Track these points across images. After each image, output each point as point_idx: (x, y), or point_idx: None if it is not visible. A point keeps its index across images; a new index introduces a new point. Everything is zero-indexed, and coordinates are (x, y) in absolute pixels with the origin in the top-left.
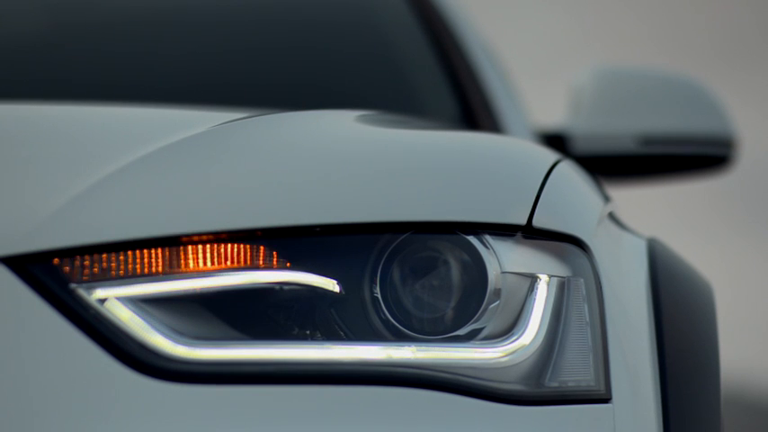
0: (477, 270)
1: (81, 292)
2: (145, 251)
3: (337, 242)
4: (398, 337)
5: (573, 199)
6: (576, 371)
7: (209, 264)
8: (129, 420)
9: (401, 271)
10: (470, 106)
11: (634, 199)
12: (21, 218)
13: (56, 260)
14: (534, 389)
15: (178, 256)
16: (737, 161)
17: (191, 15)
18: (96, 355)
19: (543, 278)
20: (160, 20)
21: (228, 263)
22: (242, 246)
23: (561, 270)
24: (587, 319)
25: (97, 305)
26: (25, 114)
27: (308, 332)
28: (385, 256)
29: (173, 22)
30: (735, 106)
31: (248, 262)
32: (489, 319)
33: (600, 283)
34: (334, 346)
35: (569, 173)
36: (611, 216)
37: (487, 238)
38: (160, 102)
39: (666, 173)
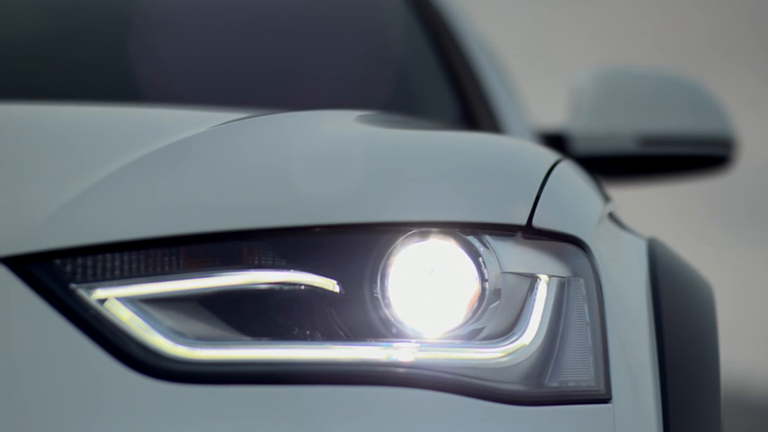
0: (477, 270)
1: (81, 292)
2: (145, 251)
3: (337, 242)
4: (398, 337)
5: (573, 199)
6: (576, 371)
7: (209, 264)
8: (130, 420)
9: (401, 271)
10: (470, 106)
11: (631, 200)
12: (21, 218)
13: (56, 260)
14: (534, 389)
15: (178, 256)
16: (736, 161)
17: (191, 16)
18: (96, 356)
19: (543, 278)
20: (160, 21)
21: (228, 263)
22: (242, 246)
23: (561, 270)
24: (587, 319)
25: (97, 305)
26: (25, 114)
27: (308, 332)
28: (385, 256)
29: (172, 23)
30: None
31: (248, 262)
32: (489, 319)
33: (600, 283)
34: (334, 346)
35: (569, 173)
36: (612, 216)
37: (487, 238)
38: (161, 102)
39: (666, 173)
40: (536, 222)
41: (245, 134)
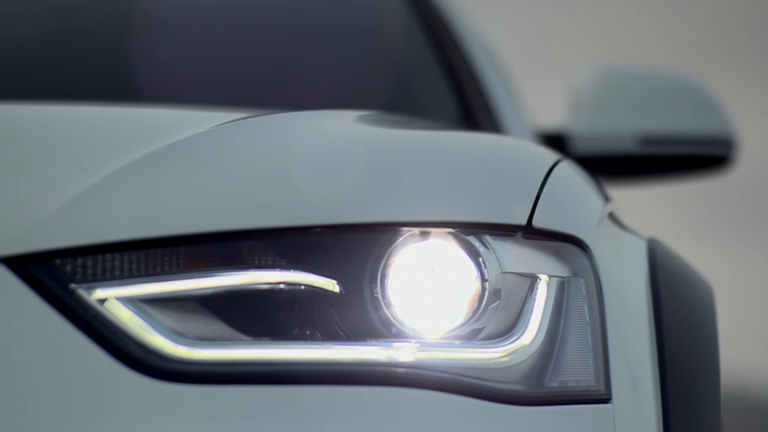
0: (477, 270)
1: (81, 292)
2: (145, 251)
3: (337, 242)
4: (398, 337)
5: (573, 199)
6: (576, 371)
7: (209, 264)
8: (129, 420)
9: (401, 271)
10: (470, 106)
11: (631, 200)
12: (21, 218)
13: (56, 260)
14: (534, 389)
15: (178, 256)
16: (736, 161)
17: (191, 16)
18: (96, 356)
19: (543, 278)
20: (160, 21)
21: (228, 263)
22: (242, 246)
23: (561, 270)
24: (587, 319)
25: (97, 305)
26: (26, 114)
27: (307, 332)
28: (385, 256)
29: (172, 24)
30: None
31: (248, 262)
32: (489, 319)
33: (600, 283)
34: (334, 346)
35: (569, 173)
36: (612, 216)
37: (487, 238)
38: (161, 102)
39: (666, 173)
40: (536, 222)
41: (245, 134)
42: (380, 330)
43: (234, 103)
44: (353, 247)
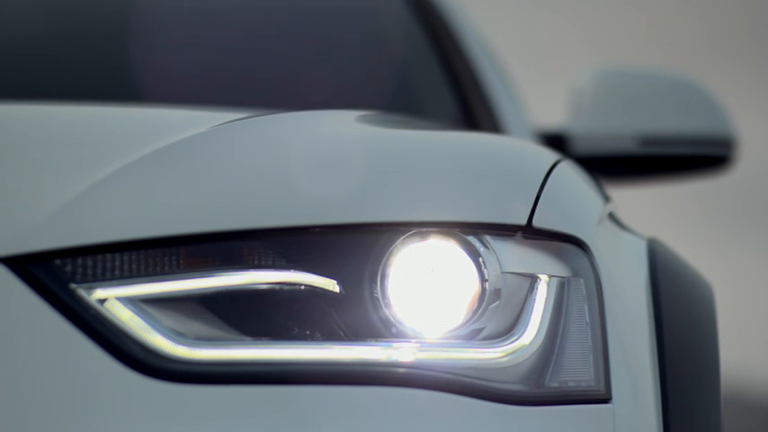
0: (477, 270)
1: (81, 292)
2: (145, 251)
3: (337, 242)
4: (398, 337)
5: (573, 199)
6: (576, 371)
7: (209, 264)
8: (129, 420)
9: (401, 271)
10: (470, 106)
11: (630, 200)
12: (21, 218)
13: (56, 260)
14: (534, 389)
15: (178, 256)
16: (736, 161)
17: (192, 17)
18: (96, 356)
19: (543, 278)
20: (161, 21)
21: (228, 263)
22: (242, 246)
23: (561, 270)
24: (587, 319)
25: (97, 305)
26: (26, 114)
27: (307, 332)
28: (385, 256)
29: (172, 24)
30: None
31: (248, 262)
32: (489, 320)
33: (600, 282)
34: (334, 346)
35: (569, 173)
36: (612, 216)
37: (487, 238)
38: (161, 102)
39: (666, 173)
40: (536, 222)
41: (244, 134)
42: (380, 330)
43: (234, 103)
44: (353, 247)
